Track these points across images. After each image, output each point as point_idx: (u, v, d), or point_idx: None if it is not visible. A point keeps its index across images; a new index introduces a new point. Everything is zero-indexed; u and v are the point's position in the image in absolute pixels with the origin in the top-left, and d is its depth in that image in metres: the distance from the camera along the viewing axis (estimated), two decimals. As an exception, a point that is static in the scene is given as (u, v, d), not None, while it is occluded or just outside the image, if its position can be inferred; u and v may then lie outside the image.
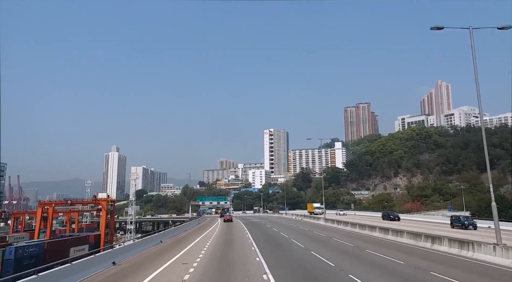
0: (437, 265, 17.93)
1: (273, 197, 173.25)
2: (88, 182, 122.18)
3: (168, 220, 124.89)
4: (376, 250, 23.80)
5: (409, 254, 22.20)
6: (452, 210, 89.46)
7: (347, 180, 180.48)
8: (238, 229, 47.36)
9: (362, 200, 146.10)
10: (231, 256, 22.54)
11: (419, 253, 22.70)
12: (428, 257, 20.86)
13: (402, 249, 24.84)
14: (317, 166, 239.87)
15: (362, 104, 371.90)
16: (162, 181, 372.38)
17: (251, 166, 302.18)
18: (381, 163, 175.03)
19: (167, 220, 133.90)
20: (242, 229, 46.68)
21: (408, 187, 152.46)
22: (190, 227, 55.28)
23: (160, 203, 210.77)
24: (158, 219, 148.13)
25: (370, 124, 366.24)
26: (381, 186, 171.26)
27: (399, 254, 22.23)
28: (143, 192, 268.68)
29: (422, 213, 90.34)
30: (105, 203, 59.46)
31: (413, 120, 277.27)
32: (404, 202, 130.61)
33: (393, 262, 19.08)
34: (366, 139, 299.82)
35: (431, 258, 20.49)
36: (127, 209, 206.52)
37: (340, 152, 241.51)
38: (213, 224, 61.73)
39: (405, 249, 25.13)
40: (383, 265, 18.36)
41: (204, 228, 52.61)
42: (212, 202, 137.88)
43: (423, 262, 19.12)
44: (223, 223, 64.28)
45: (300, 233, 39.44)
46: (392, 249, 25.09)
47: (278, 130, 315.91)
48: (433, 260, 19.92)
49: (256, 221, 69.26)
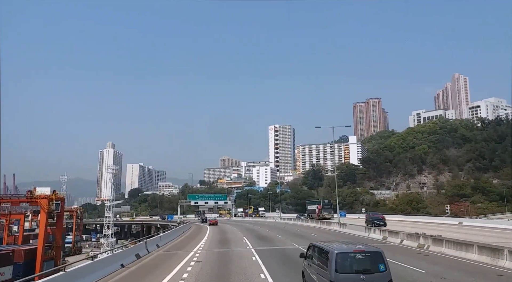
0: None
1: (281, 197, 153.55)
2: (64, 177, 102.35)
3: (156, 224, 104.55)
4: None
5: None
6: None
7: (364, 178, 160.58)
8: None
9: (384, 201, 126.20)
10: None
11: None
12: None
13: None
14: (329, 163, 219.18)
15: (372, 100, 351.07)
16: (161, 180, 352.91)
17: (255, 164, 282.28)
18: (403, 159, 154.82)
19: (149, 224, 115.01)
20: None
21: (438, 186, 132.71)
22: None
23: (155, 203, 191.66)
24: (138, 222, 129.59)
25: (380, 120, 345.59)
26: (404, 185, 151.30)
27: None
28: (138, 191, 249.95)
29: (485, 216, 70.02)
30: (46, 201, 39.97)
31: (429, 115, 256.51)
32: (438, 203, 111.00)
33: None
34: (378, 135, 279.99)
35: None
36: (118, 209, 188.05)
37: (355, 147, 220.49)
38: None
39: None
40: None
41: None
42: (207, 202, 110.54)
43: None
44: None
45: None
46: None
47: (284, 125, 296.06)
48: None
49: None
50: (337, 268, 10.15)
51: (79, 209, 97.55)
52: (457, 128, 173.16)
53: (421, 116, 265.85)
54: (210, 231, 47.55)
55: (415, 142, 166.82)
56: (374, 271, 10.26)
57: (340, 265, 10.19)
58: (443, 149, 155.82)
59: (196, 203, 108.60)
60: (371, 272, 10.20)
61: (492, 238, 27.66)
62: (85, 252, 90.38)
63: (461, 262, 18.38)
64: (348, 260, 10.45)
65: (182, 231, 45.17)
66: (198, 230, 53.50)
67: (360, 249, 10.81)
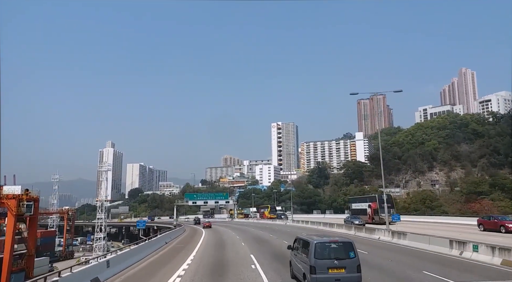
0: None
1: (285, 196, 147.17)
2: (55, 177, 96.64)
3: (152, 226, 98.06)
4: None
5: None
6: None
7: (372, 175, 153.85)
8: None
9: (395, 199, 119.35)
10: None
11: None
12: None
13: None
14: (335, 160, 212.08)
15: (377, 96, 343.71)
16: (162, 180, 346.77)
17: (258, 163, 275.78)
18: (413, 156, 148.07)
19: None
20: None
21: (451, 183, 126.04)
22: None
23: (155, 204, 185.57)
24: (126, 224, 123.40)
25: (385, 117, 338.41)
26: (414, 182, 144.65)
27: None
28: (138, 191, 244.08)
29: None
30: (15, 202, 33.73)
31: (436, 111, 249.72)
32: (453, 201, 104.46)
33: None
34: (384, 132, 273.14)
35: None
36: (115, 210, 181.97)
37: (361, 143, 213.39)
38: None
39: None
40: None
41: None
42: (207, 202, 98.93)
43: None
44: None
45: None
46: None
47: (287, 123, 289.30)
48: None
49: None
50: (316, 255, 12.33)
51: (71, 210, 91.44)
52: (468, 122, 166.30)
53: (427, 112, 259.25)
54: (203, 241, 36.32)
55: (425, 137, 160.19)
56: (345, 257, 12.38)
57: (318, 253, 12.36)
58: (454, 144, 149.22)
59: (195, 203, 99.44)
60: (343, 258, 12.34)
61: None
62: (77, 256, 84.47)
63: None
64: (325, 249, 12.56)
65: (162, 243, 32.72)
66: (189, 238, 41.06)
67: (335, 240, 13.08)
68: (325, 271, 11.96)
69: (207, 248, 29.35)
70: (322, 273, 11.92)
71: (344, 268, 12.08)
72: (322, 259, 12.18)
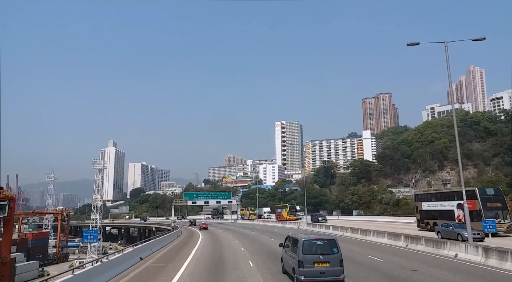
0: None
1: (291, 196, 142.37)
2: (51, 175, 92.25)
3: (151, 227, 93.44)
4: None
5: None
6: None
7: (380, 175, 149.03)
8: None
9: (406, 199, 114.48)
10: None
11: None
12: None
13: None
14: (341, 159, 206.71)
15: (382, 95, 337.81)
16: (165, 180, 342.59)
17: (261, 162, 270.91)
18: (423, 154, 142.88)
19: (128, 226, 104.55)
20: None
21: (464, 183, 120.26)
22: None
23: (157, 204, 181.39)
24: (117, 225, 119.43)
25: (391, 116, 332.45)
26: (424, 182, 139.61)
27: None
28: (140, 191, 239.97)
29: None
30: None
31: (443, 109, 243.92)
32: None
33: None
34: (390, 131, 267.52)
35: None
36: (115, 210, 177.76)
37: (368, 142, 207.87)
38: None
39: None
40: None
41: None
42: (208, 201, 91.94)
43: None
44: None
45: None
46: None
47: (291, 122, 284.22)
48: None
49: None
50: (304, 251, 13.77)
51: (65, 210, 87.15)
52: (479, 120, 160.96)
53: (435, 110, 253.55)
54: (194, 256, 26.12)
55: (434, 136, 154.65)
56: (330, 253, 13.82)
57: (306, 249, 13.80)
58: (466, 143, 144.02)
59: (195, 203, 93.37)
60: (328, 253, 13.77)
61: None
62: (72, 258, 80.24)
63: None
64: (312, 246, 13.99)
65: (134, 260, 23.00)
66: (175, 251, 30.36)
67: (320, 238, 14.73)
68: (311, 265, 13.39)
69: (197, 273, 18.86)
70: (309, 267, 13.36)
71: (328, 262, 13.51)
72: (309, 254, 13.60)
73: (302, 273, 13.25)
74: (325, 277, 13.30)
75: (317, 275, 13.28)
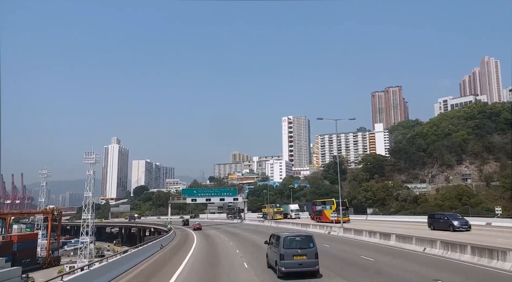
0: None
1: (300, 193, 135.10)
2: (43, 172, 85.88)
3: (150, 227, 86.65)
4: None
5: None
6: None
7: (394, 170, 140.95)
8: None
9: (424, 195, 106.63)
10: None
11: None
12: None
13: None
14: (352, 154, 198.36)
15: (392, 88, 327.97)
16: (169, 177, 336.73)
17: (268, 158, 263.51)
18: (439, 148, 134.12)
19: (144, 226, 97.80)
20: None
21: (487, 177, 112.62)
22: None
23: (160, 201, 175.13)
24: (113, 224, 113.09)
25: (401, 110, 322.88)
26: (442, 177, 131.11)
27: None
28: (144, 188, 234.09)
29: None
30: None
31: (457, 102, 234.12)
32: (495, 197, 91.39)
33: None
34: (401, 125, 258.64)
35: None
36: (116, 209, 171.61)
37: (381, 136, 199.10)
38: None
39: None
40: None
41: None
42: (210, 198, 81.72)
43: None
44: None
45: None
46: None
47: (298, 117, 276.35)
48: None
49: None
50: (284, 246, 15.46)
51: (56, 210, 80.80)
52: (499, 111, 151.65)
53: (448, 103, 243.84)
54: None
55: (451, 128, 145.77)
56: (307, 247, 15.61)
57: (286, 244, 15.49)
58: (486, 135, 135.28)
59: (195, 200, 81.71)
60: (305, 248, 15.54)
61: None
62: (64, 262, 73.72)
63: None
64: (292, 241, 15.74)
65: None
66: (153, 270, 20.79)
67: (299, 234, 16.93)
68: (291, 257, 15.20)
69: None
70: (289, 259, 15.17)
71: (305, 255, 15.37)
72: (289, 248, 15.40)
73: (283, 265, 15.07)
74: (303, 268, 15.19)
75: (295, 266, 15.12)
